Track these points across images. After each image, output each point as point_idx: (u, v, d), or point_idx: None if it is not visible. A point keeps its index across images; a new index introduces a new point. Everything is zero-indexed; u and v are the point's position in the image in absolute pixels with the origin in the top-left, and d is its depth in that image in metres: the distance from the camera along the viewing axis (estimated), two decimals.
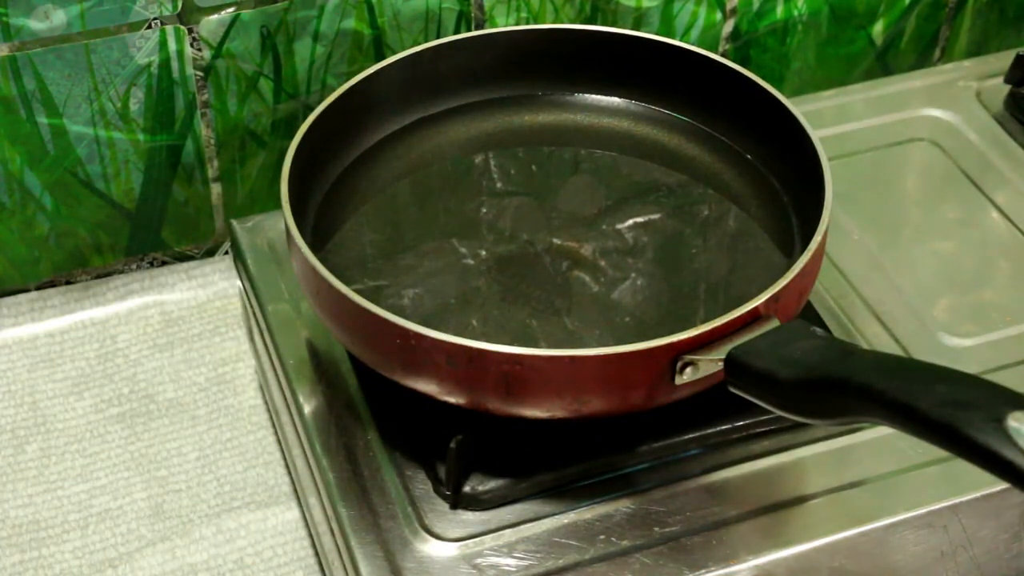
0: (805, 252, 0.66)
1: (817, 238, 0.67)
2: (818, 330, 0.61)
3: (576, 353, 0.61)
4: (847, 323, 0.76)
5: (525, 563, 0.64)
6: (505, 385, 0.62)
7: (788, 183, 0.77)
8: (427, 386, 0.64)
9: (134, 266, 0.92)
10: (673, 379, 0.62)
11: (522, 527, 0.66)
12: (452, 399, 0.64)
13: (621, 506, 0.67)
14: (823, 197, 0.69)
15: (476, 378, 0.62)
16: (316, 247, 0.71)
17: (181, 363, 0.88)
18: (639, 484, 0.67)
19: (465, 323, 0.69)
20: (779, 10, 0.96)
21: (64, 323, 0.89)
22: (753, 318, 0.63)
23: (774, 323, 0.63)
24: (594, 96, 0.83)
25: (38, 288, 0.91)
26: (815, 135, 0.73)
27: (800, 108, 0.75)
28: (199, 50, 0.84)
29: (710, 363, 0.62)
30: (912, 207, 0.86)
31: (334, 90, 0.76)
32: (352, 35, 0.87)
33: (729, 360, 0.61)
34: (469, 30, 0.90)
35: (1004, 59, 0.94)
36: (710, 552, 0.64)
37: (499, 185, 0.79)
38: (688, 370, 0.62)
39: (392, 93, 0.80)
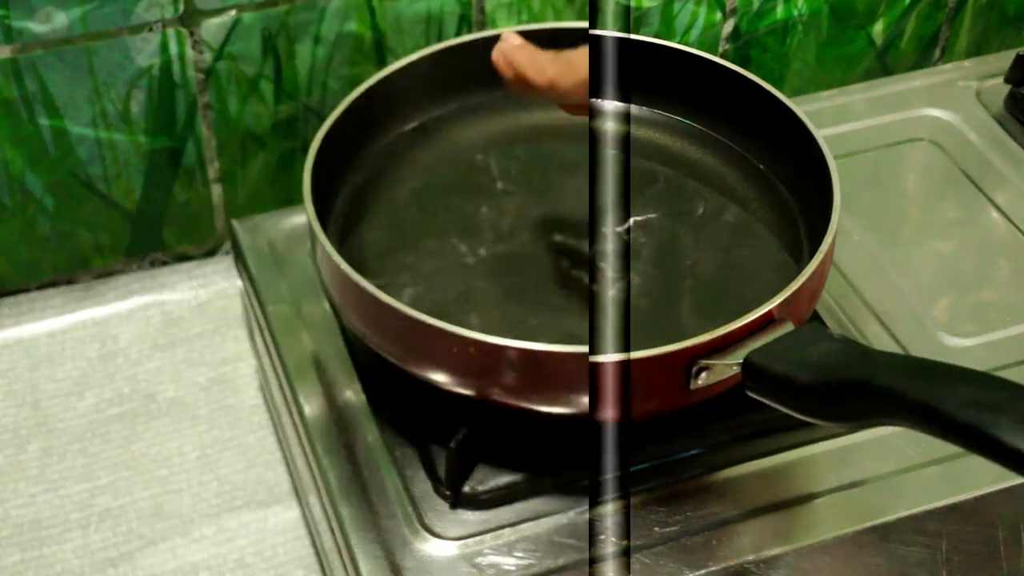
0: (816, 254, 0.66)
1: (828, 240, 0.66)
2: (834, 333, 0.61)
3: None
4: (847, 323, 0.76)
5: (525, 563, 0.64)
6: (519, 380, 0.62)
7: (793, 185, 0.76)
8: (441, 377, 0.64)
9: (135, 266, 0.92)
10: (688, 384, 0.62)
11: (522, 527, 0.66)
12: (464, 391, 0.64)
13: (621, 506, 0.67)
14: (830, 199, 0.69)
15: (485, 371, 0.62)
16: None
17: (182, 363, 0.88)
18: (639, 484, 0.68)
19: (465, 322, 0.69)
20: (779, 10, 0.96)
21: (65, 323, 0.89)
22: (767, 321, 0.62)
23: (788, 327, 0.62)
24: (594, 99, 0.83)
25: (39, 288, 0.91)
26: (821, 137, 0.72)
27: (800, 108, 0.75)
28: (200, 52, 0.84)
29: (725, 367, 0.61)
30: (912, 207, 0.86)
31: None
32: (353, 38, 0.87)
33: (747, 364, 0.60)
34: (470, 33, 0.90)
35: (1004, 59, 0.94)
36: (710, 552, 0.65)
37: (500, 185, 0.79)
38: (703, 375, 0.62)
39: (400, 97, 0.80)
